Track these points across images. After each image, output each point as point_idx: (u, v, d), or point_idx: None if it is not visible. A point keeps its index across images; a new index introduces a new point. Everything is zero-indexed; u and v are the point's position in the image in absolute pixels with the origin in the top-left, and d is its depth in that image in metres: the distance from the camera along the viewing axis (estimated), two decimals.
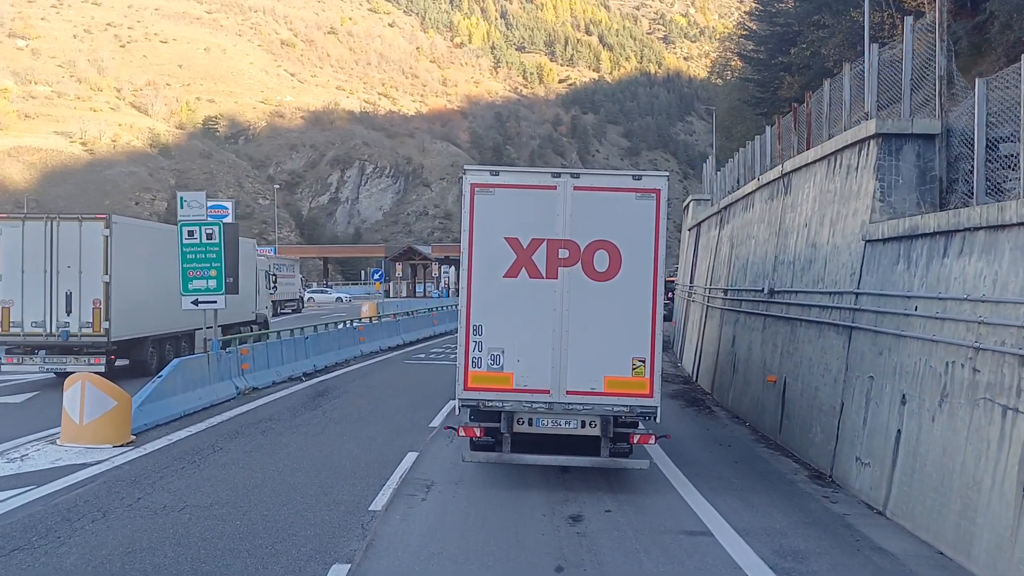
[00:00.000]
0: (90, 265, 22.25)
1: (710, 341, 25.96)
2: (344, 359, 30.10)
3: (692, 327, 31.11)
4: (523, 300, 12.19)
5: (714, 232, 29.16)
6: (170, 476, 12.74)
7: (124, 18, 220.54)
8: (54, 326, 22.26)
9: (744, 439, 17.34)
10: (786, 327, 17.24)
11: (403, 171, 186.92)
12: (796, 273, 17.08)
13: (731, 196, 26.13)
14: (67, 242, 22.25)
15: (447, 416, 18.66)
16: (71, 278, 22.22)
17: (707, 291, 28.24)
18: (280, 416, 18.46)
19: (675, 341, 38.84)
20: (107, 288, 22.30)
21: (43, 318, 22.24)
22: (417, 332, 41.79)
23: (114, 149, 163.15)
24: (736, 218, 24.79)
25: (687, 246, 41.34)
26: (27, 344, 22.54)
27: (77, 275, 22.22)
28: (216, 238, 19.39)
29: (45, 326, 22.26)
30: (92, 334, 22.30)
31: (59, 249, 22.22)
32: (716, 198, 33.41)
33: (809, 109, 19.39)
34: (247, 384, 21.67)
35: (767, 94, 50.63)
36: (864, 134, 13.99)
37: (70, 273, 22.21)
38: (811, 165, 17.00)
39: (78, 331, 22.26)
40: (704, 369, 26.38)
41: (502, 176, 12.38)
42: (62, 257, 22.22)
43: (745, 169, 26.76)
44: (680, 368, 31.61)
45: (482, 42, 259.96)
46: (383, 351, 34.71)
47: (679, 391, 24.74)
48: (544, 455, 12.54)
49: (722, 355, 23.50)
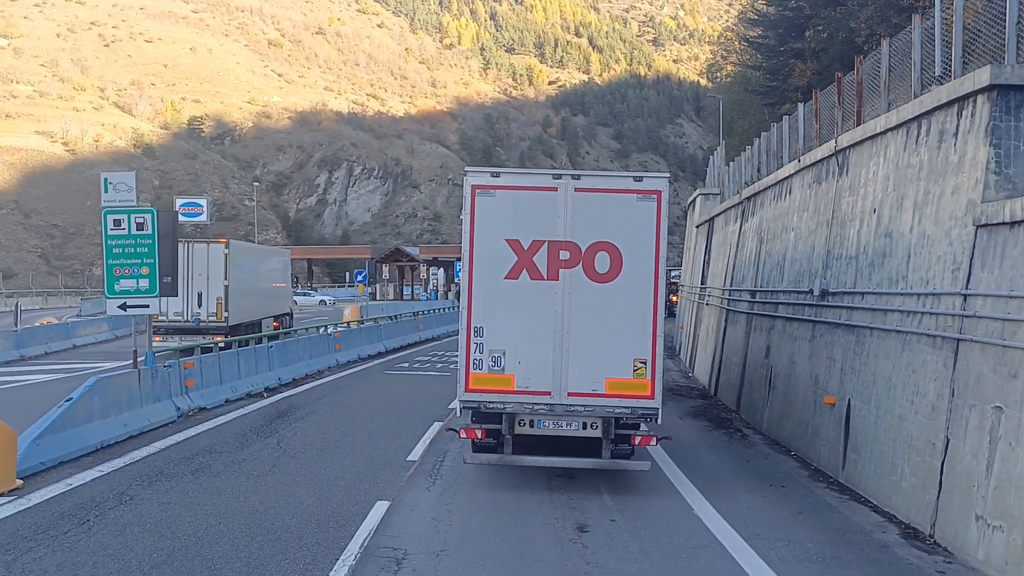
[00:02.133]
0: (214, 274, 30.14)
1: (733, 350, 22.67)
2: (316, 370, 26.78)
3: (707, 333, 27.80)
4: (524, 302, 12.10)
5: (733, 227, 25.85)
6: (41, 549, 9.27)
7: (108, 17, 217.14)
8: (189, 315, 30.07)
9: (796, 476, 14.01)
10: (848, 336, 13.93)
11: (392, 172, 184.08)
12: (861, 270, 13.79)
13: (757, 185, 22.83)
14: (198, 258, 30.03)
15: (431, 443, 15.44)
16: (201, 283, 30.09)
17: (726, 293, 24.97)
18: (223, 447, 15.05)
19: (683, 347, 35.58)
20: (226, 289, 30.27)
21: (182, 310, 29.86)
22: (401, 338, 38.27)
23: (96, 149, 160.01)
24: (765, 208, 21.49)
25: (693, 244, 38.10)
26: (170, 328, 29.77)
27: (205, 280, 30.11)
28: (148, 228, 15.92)
29: (183, 315, 29.99)
30: (216, 320, 30.23)
31: (193, 263, 29.79)
32: (731, 190, 30.21)
33: (860, 77, 16.13)
34: (192, 404, 18.24)
35: (776, 82, 47.42)
36: (969, 88, 10.69)
37: (200, 279, 30.07)
38: (879, 137, 13.69)
39: (206, 318, 30.14)
40: (726, 382, 23.07)
41: (503, 178, 12.33)
42: (195, 268, 29.91)
43: (769, 156, 23.56)
44: (693, 379, 28.29)
45: (471, 43, 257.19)
46: (362, 360, 31.27)
47: (699, 409, 21.43)
48: (546, 456, 12.42)
49: (751, 368, 20.19)
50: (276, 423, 17.61)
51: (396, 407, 20.14)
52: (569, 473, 13.06)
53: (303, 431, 16.72)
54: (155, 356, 17.20)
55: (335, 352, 29.42)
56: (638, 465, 12.42)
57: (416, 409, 19.72)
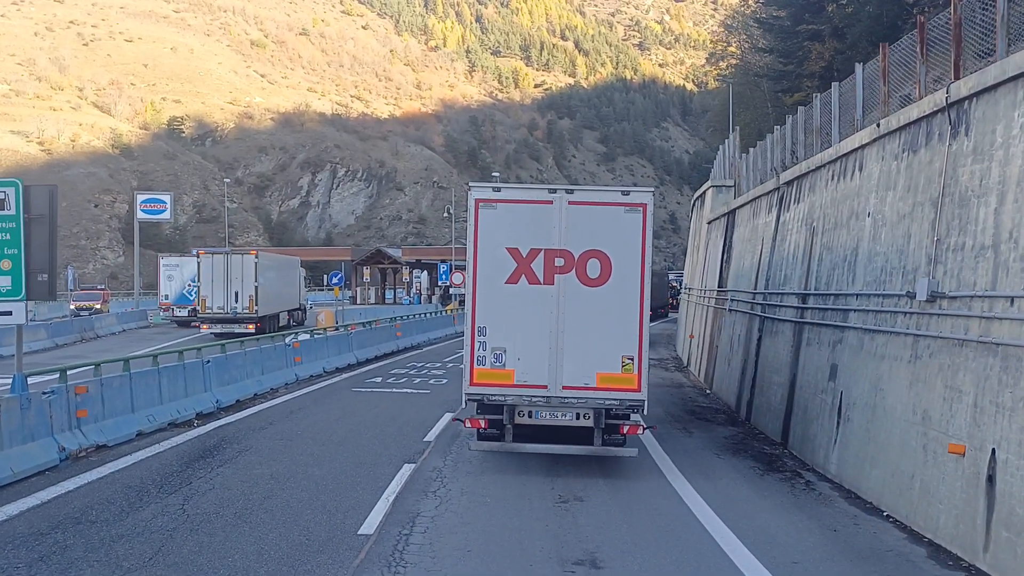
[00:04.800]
0: (247, 277, 40.21)
1: (773, 367, 18.51)
2: (269, 388, 22.62)
3: (731, 345, 23.58)
4: (523, 304, 13.17)
5: (766, 218, 21.64)
6: None
7: (88, 16, 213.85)
8: (228, 308, 39.90)
9: (912, 557, 9.80)
10: (987, 359, 9.78)
11: (376, 175, 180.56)
12: (1002, 266, 9.68)
13: (803, 165, 18.64)
14: (235, 265, 40.37)
15: (397, 501, 11.36)
16: (237, 284, 40.09)
17: (758, 297, 20.83)
18: (104, 511, 10.75)
19: (693, 358, 31.35)
20: (256, 289, 40.16)
21: (223, 304, 39.94)
22: (376, 347, 34.01)
23: (73, 149, 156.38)
24: (817, 193, 17.30)
25: (704, 243, 33.93)
26: (213, 318, 40.27)
27: (240, 282, 40.09)
28: (11, 207, 11.64)
29: (224, 308, 39.93)
30: (248, 312, 40.00)
31: (230, 268, 40.21)
32: (750, 180, 26.12)
33: (957, 15, 12.02)
34: (85, 441, 13.91)
35: (791, 66, 43.21)
36: None
37: (236, 281, 40.07)
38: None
39: (241, 311, 39.86)
40: (763, 406, 18.88)
41: (504, 192, 13.63)
42: (232, 272, 40.14)
43: (811, 134, 19.41)
44: (713, 397, 24.10)
45: (457, 46, 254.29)
46: (327, 374, 27.07)
47: (734, 440, 17.26)
48: (543, 444, 13.40)
49: (804, 391, 16.02)
50: (193, 468, 13.31)
51: (357, 441, 15.91)
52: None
53: (224, 482, 12.44)
54: (25, 382, 12.88)
55: (294, 366, 25.19)
56: (626, 452, 13.52)
57: (383, 444, 15.51)
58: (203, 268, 40.70)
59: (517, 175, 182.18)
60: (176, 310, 51.09)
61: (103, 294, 63.15)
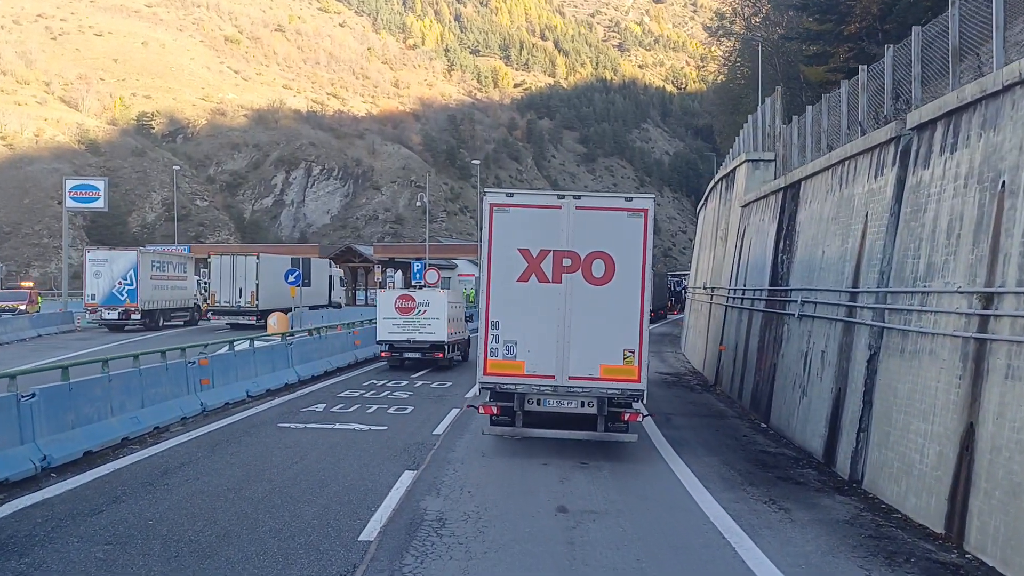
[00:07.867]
0: (249, 276, 47.26)
1: (916, 409, 13.73)
2: (151, 427, 16.79)
3: (810, 367, 18.80)
4: (533, 301, 14.56)
5: (873, 184, 16.13)
6: None
7: (56, 9, 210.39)
8: (234, 302, 47.11)
9: None
10: None
11: (352, 173, 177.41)
12: None
13: (972, 89, 13.33)
14: (240, 265, 47.55)
15: None
16: (241, 281, 47.24)
17: (867, 297, 16.05)
18: None
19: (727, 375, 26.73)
20: (257, 286, 47.19)
21: (229, 299, 47.19)
22: (326, 360, 28.37)
23: (37, 144, 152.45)
24: (1003, 133, 11.99)
25: (737, 231, 29.41)
26: (220, 311, 47.76)
27: (243, 280, 47.28)
28: None
29: (230, 302, 47.18)
30: (251, 306, 46.94)
31: (235, 268, 47.38)
32: (809, 147, 21.73)
33: None
34: None
35: (828, 24, 39.34)
36: None
37: (240, 279, 47.24)
38: None
39: (245, 305, 46.97)
40: (901, 466, 14.08)
41: (516, 198, 15.05)
42: (237, 271, 47.24)
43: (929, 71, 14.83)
44: (776, 435, 19.57)
45: (435, 44, 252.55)
46: (252, 399, 21.45)
47: (859, 523, 13.02)
48: (551, 429, 14.87)
49: (999, 456, 11.18)
50: None
51: (239, 547, 9.72)
52: None
53: None
54: None
55: (199, 391, 19.37)
56: (627, 437, 14.93)
57: (285, 558, 9.37)
58: (213, 267, 48.46)
59: (496, 175, 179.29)
60: (104, 312, 45.13)
61: (31, 294, 57.07)
